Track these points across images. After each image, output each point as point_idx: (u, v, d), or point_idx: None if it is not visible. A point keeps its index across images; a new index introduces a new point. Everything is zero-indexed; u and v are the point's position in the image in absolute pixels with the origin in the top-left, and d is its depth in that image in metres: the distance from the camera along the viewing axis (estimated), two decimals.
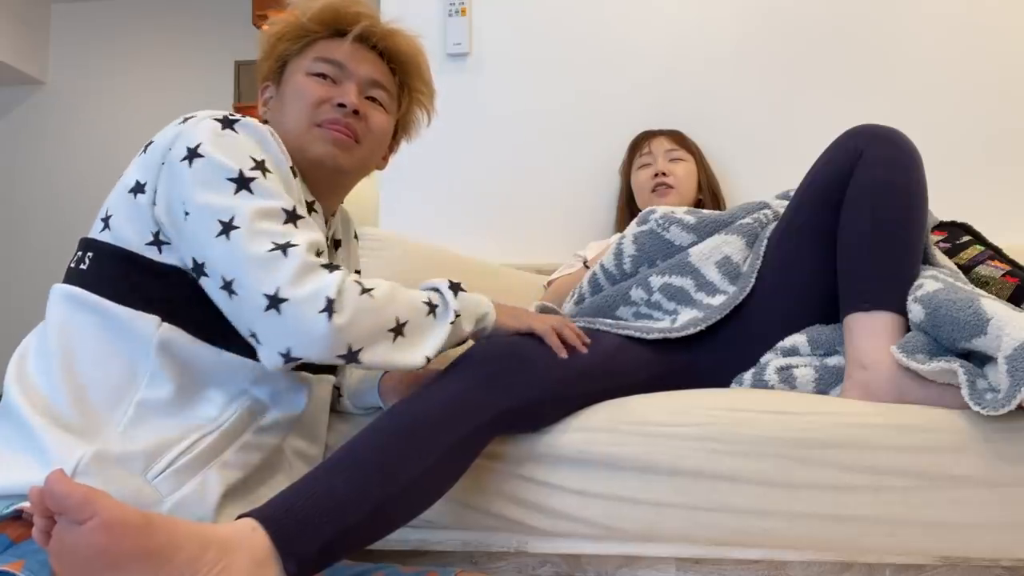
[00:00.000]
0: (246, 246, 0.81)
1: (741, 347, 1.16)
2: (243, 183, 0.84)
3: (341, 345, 0.82)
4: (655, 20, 2.06)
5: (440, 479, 0.89)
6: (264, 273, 0.81)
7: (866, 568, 0.98)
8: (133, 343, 0.85)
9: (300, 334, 0.80)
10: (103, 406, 0.83)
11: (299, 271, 0.81)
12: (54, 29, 4.61)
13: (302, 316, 0.80)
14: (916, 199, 1.06)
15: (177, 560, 0.66)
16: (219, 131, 0.87)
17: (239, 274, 0.81)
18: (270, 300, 0.80)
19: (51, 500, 0.63)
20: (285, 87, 1.04)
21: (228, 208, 0.83)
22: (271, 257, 0.81)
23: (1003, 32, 1.93)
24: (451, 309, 0.93)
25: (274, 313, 0.80)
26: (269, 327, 0.81)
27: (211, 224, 0.82)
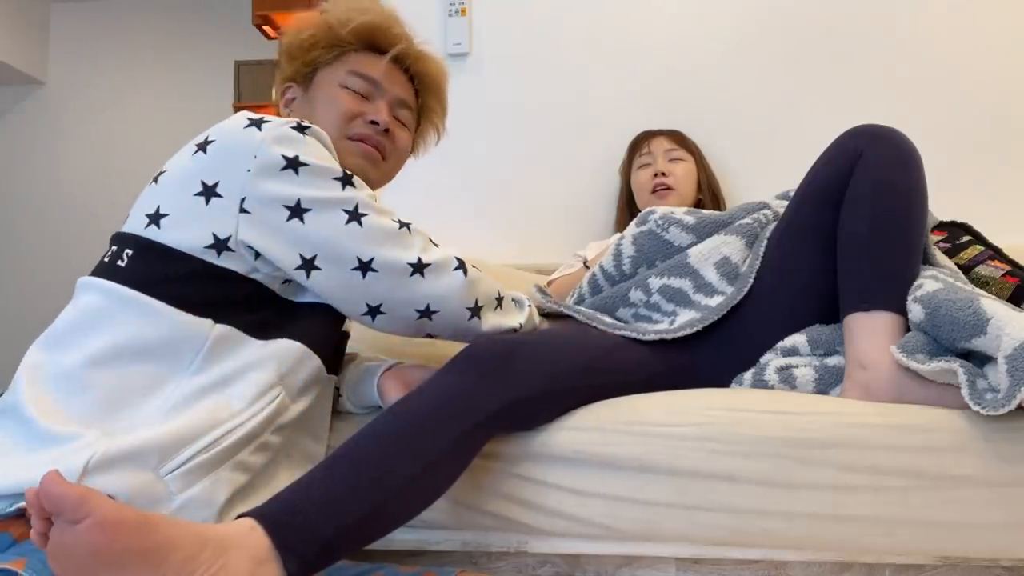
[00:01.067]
0: (381, 227, 0.92)
1: (741, 347, 1.16)
2: (347, 179, 0.92)
3: (471, 298, 0.98)
4: (655, 20, 2.06)
5: (439, 478, 0.89)
6: (403, 246, 0.93)
7: (866, 568, 0.98)
8: (183, 342, 0.85)
9: (442, 290, 0.94)
10: (139, 400, 0.83)
11: (426, 241, 0.96)
12: (54, 29, 4.61)
13: (444, 275, 0.95)
14: (916, 199, 1.06)
15: (174, 559, 0.66)
16: (301, 138, 0.91)
17: (379, 251, 0.91)
18: (414, 267, 0.93)
19: (46, 501, 0.63)
20: (316, 93, 1.08)
21: (348, 199, 0.91)
22: (402, 233, 0.94)
23: (1004, 32, 1.93)
24: (525, 301, 1.11)
25: (418, 277, 0.93)
26: (412, 290, 0.93)
27: (336, 215, 0.90)
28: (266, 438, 0.89)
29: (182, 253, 0.87)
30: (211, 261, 0.88)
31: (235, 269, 0.89)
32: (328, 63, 1.08)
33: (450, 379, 0.93)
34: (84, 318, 0.86)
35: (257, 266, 0.90)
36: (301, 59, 1.09)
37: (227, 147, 0.89)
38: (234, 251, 0.88)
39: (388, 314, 0.94)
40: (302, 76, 1.10)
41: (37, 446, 0.79)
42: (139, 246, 0.88)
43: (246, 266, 0.90)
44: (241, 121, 0.91)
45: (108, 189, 4.37)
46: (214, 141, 0.90)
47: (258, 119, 0.92)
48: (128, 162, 4.43)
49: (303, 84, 1.10)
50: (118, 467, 0.78)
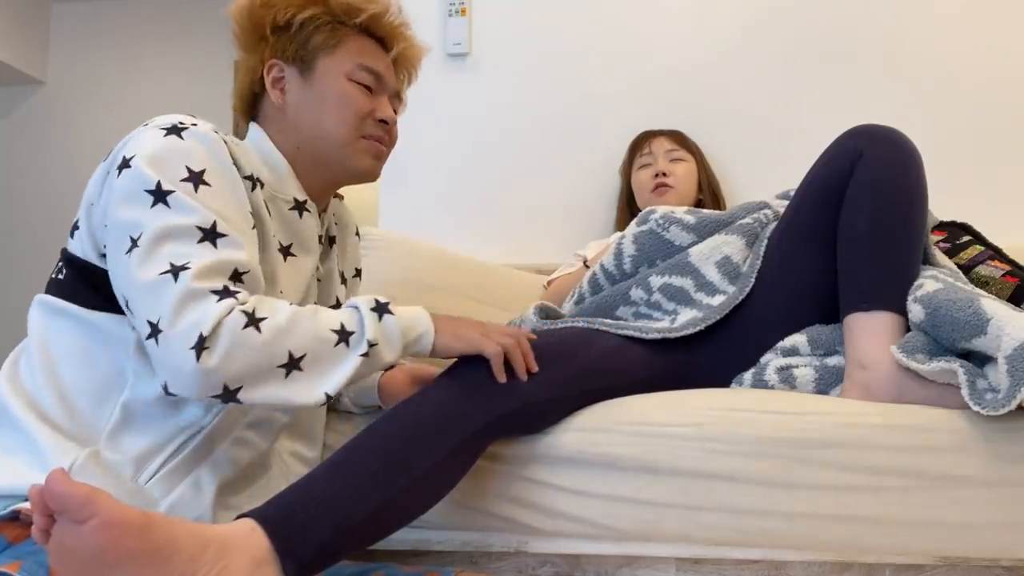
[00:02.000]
0: (137, 268, 0.78)
1: (741, 347, 1.16)
2: (160, 196, 0.80)
3: (214, 385, 0.77)
4: (655, 20, 2.06)
5: (440, 482, 0.89)
6: (151, 299, 0.77)
7: (866, 568, 0.98)
8: (113, 346, 0.84)
9: (172, 370, 0.77)
10: (89, 411, 0.83)
11: (181, 299, 0.77)
12: (54, 29, 4.61)
13: (174, 351, 0.76)
14: (916, 199, 1.06)
15: (176, 560, 0.66)
16: (160, 139, 0.83)
17: (131, 295, 0.79)
18: (151, 329, 0.77)
19: (52, 499, 0.63)
20: (321, 86, 1.00)
21: (137, 224, 0.80)
22: (160, 282, 0.77)
23: (1004, 32, 1.93)
24: (364, 339, 0.85)
25: (153, 344, 0.77)
26: (152, 357, 0.79)
27: (123, 240, 0.80)
28: (241, 434, 0.89)
29: (86, 262, 0.86)
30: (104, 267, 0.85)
31: None
32: (330, 50, 1.01)
33: (451, 385, 0.93)
34: (33, 331, 0.87)
35: None
36: (298, 41, 1.01)
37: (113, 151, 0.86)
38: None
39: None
40: (298, 59, 1.01)
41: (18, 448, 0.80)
42: (65, 259, 0.89)
43: None
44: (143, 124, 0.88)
45: None
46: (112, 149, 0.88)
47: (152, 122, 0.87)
48: None
49: (299, 67, 1.01)
50: (99, 474, 0.78)
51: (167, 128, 0.84)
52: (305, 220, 0.99)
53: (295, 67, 1.01)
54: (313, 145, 0.99)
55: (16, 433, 0.81)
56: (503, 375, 0.92)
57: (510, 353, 0.93)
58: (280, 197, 0.97)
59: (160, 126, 0.84)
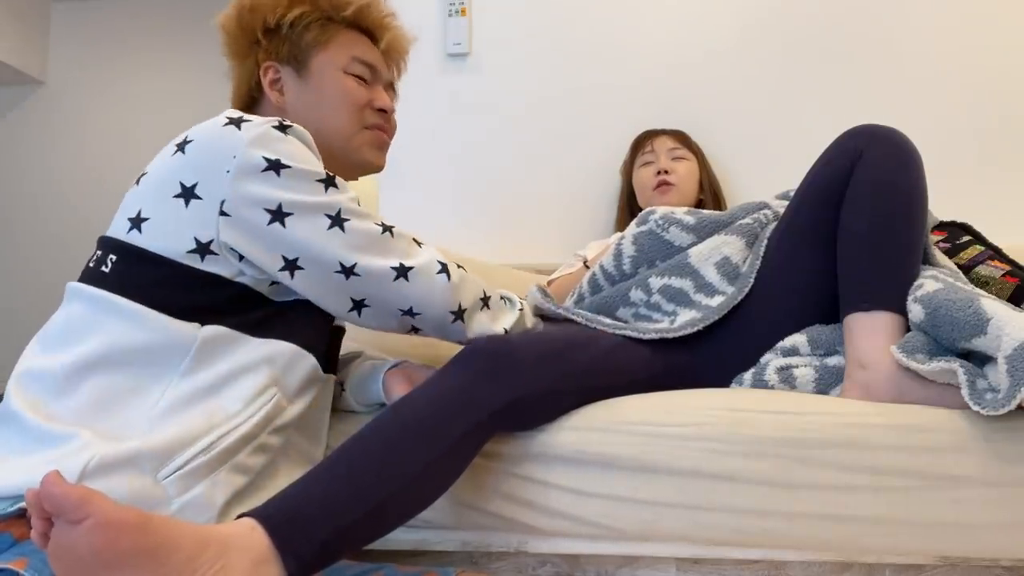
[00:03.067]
0: (364, 231, 0.91)
1: (741, 347, 1.16)
2: (330, 181, 0.91)
3: (454, 302, 0.97)
4: (655, 20, 2.06)
5: (439, 477, 0.89)
6: (385, 251, 0.92)
7: (866, 568, 0.98)
8: (170, 346, 0.84)
9: (427, 293, 0.94)
10: (129, 403, 0.82)
11: (409, 245, 0.95)
12: (54, 29, 4.61)
13: (427, 278, 0.94)
14: (916, 199, 1.06)
15: (175, 560, 0.66)
16: (281, 137, 0.89)
17: (361, 257, 0.91)
18: (397, 271, 0.93)
19: (47, 501, 0.63)
20: (318, 81, 1.04)
21: (331, 203, 0.90)
22: (385, 238, 0.93)
23: (1005, 31, 1.93)
24: (517, 302, 1.09)
25: (403, 281, 0.93)
26: (395, 293, 0.93)
27: (319, 220, 0.89)
28: (264, 439, 0.89)
29: (165, 258, 0.86)
30: (194, 266, 0.86)
31: (220, 273, 0.87)
32: (322, 46, 1.04)
33: (452, 378, 0.93)
34: (72, 325, 0.86)
35: (242, 268, 0.88)
36: (290, 40, 1.04)
37: (206, 147, 0.87)
38: (218, 254, 0.87)
39: (373, 308, 0.95)
40: (292, 59, 1.04)
41: (35, 448, 0.79)
42: (122, 251, 0.87)
43: (231, 269, 0.88)
44: (220, 120, 0.89)
45: (108, 189, 4.37)
46: (192, 141, 0.88)
47: (238, 117, 0.89)
48: (128, 162, 4.42)
49: (294, 66, 1.04)
50: (116, 471, 0.77)
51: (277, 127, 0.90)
52: None
53: (290, 67, 1.04)
54: (325, 140, 1.02)
55: (25, 433, 0.80)
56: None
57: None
58: None
59: (271, 125, 0.89)
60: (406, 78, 1.25)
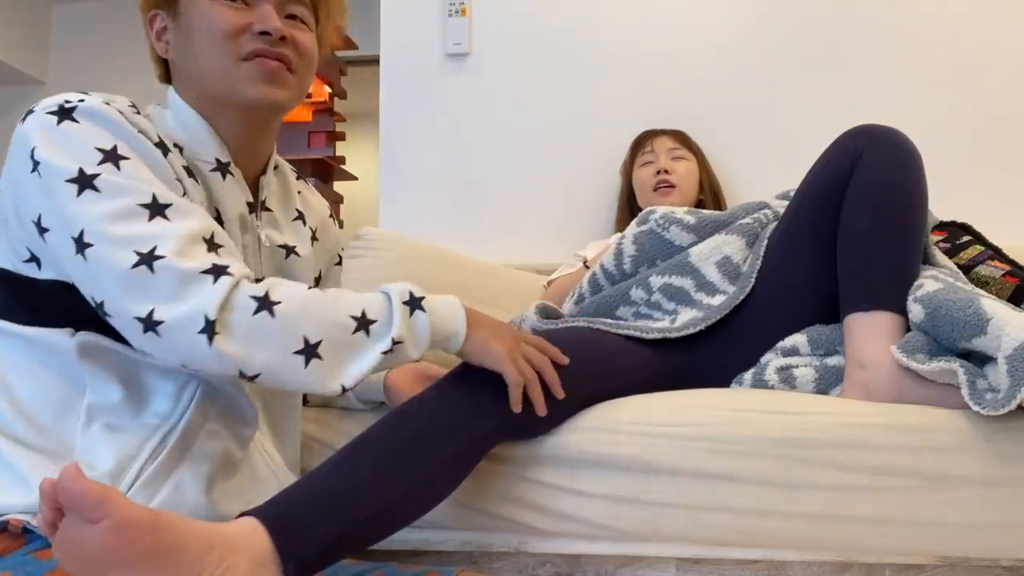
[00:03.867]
0: (104, 265, 0.72)
1: (741, 347, 1.16)
2: (85, 183, 0.74)
3: (230, 367, 0.74)
4: (654, 21, 2.06)
5: (443, 484, 0.89)
6: (134, 293, 0.72)
7: (866, 568, 0.98)
8: (57, 357, 0.79)
9: (184, 355, 0.73)
10: (54, 424, 0.79)
11: (173, 286, 0.72)
12: (54, 29, 4.61)
13: (181, 338, 0.72)
14: (916, 199, 1.06)
15: (183, 560, 0.66)
16: (53, 126, 0.76)
17: (106, 296, 0.73)
18: (144, 323, 0.72)
19: (64, 496, 0.62)
20: (188, 17, 0.87)
21: (75, 220, 0.73)
22: (137, 275, 0.72)
23: (1006, 31, 1.93)
24: (390, 335, 0.80)
25: (153, 336, 0.72)
26: (155, 348, 0.74)
27: (66, 242, 0.73)
28: (212, 425, 0.84)
29: (8, 272, 0.80)
30: (34, 276, 0.79)
31: (58, 278, 0.79)
32: None
33: (456, 387, 0.92)
34: None
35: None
36: None
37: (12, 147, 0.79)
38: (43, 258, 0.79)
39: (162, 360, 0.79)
40: (166, 5, 0.89)
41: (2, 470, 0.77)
42: None
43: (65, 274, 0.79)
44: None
45: None
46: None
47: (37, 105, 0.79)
48: None
49: (168, 9, 0.89)
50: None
51: (55, 112, 0.77)
52: (228, 184, 0.89)
53: (166, 11, 0.90)
54: (204, 88, 0.88)
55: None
56: (519, 405, 0.89)
57: (529, 387, 0.90)
58: (201, 159, 0.88)
59: (47, 111, 0.77)
60: (406, 78, 1.22)
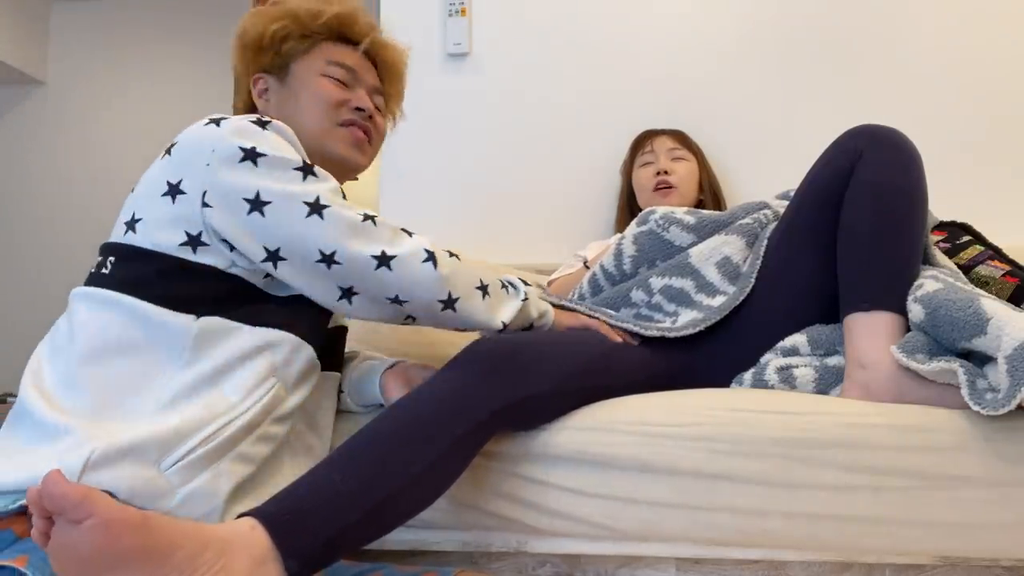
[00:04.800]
0: (343, 219, 0.90)
1: (741, 347, 1.16)
2: (308, 170, 0.92)
3: (442, 290, 0.94)
4: (654, 21, 2.06)
5: (440, 476, 0.89)
6: (366, 238, 0.91)
7: (866, 568, 0.98)
8: (168, 338, 0.86)
9: (413, 283, 0.92)
10: (133, 395, 0.83)
11: (391, 233, 0.93)
12: (54, 29, 4.61)
13: (411, 267, 0.92)
14: (916, 199, 1.06)
15: (175, 559, 0.66)
16: (260, 131, 0.92)
17: (340, 245, 0.89)
18: (379, 260, 0.91)
19: (48, 500, 0.63)
20: (297, 85, 1.10)
21: (310, 192, 0.90)
22: (365, 226, 0.91)
23: (1006, 31, 1.93)
24: (522, 290, 1.05)
25: (384, 270, 0.91)
26: (380, 282, 0.91)
27: (297, 208, 0.89)
28: (266, 429, 0.89)
29: (158, 253, 0.88)
30: (188, 258, 0.88)
31: (214, 264, 0.89)
32: (302, 54, 1.11)
33: (452, 378, 0.93)
34: (75, 324, 0.88)
35: (234, 259, 0.90)
36: (273, 51, 1.11)
37: (188, 145, 0.91)
38: (209, 245, 0.89)
39: (361, 296, 0.93)
40: (275, 68, 1.12)
41: (37, 443, 0.79)
42: (120, 252, 0.90)
43: (224, 261, 0.90)
44: (202, 121, 0.93)
45: (108, 189, 4.37)
46: (177, 143, 0.92)
47: (219, 118, 0.93)
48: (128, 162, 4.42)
49: (277, 75, 1.12)
50: (119, 463, 0.77)
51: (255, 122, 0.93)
52: None
53: (274, 75, 1.12)
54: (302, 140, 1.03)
55: (33, 430, 0.81)
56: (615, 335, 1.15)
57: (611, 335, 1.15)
58: None
59: (249, 120, 0.93)
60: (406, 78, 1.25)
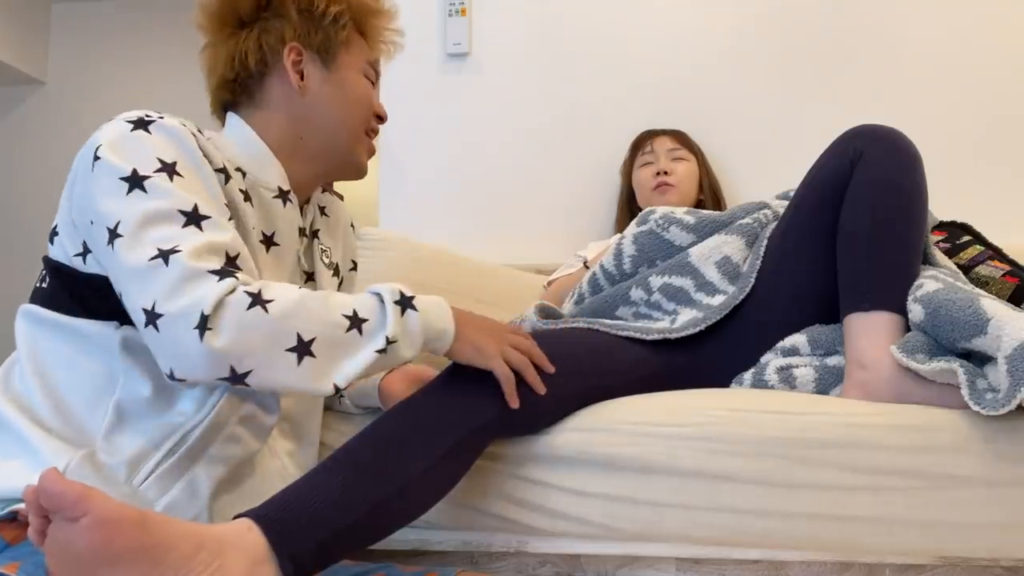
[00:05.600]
0: (126, 256, 0.76)
1: (741, 347, 1.16)
2: (136, 182, 0.79)
3: (221, 367, 0.75)
4: (654, 20, 2.06)
5: (438, 481, 0.89)
6: (143, 285, 0.75)
7: (866, 568, 0.98)
8: (100, 349, 0.83)
9: (176, 354, 0.75)
10: (82, 414, 0.83)
11: (177, 281, 0.75)
12: (54, 29, 4.61)
13: (176, 333, 0.74)
14: (916, 199, 1.06)
15: (171, 558, 0.66)
16: (127, 132, 0.82)
17: (123, 286, 0.78)
18: (147, 315, 0.75)
19: (45, 498, 0.63)
20: (341, 78, 1.00)
21: (115, 214, 0.78)
22: (151, 267, 0.75)
23: (1005, 31, 1.93)
24: (383, 333, 0.82)
25: (152, 330, 0.75)
26: (152, 344, 0.77)
27: (102, 232, 0.79)
28: (232, 430, 0.87)
29: (61, 264, 0.85)
30: (79, 268, 0.84)
31: (100, 273, 0.83)
32: (347, 45, 1.01)
33: (451, 381, 0.93)
34: (21, 341, 0.86)
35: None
36: (324, 30, 0.99)
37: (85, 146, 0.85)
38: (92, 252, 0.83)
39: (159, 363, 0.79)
40: (322, 49, 0.99)
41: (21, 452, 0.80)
42: (48, 266, 0.88)
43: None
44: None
45: None
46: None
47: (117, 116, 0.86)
48: None
49: (321, 57, 0.99)
50: (93, 476, 0.78)
51: (133, 121, 0.83)
52: (287, 210, 0.97)
53: (317, 56, 0.99)
54: (320, 134, 0.98)
55: (11, 437, 0.81)
56: (515, 400, 0.91)
57: (523, 372, 0.92)
58: (262, 186, 0.95)
59: (126, 119, 0.84)
60: (406, 78, 1.25)
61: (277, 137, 0.97)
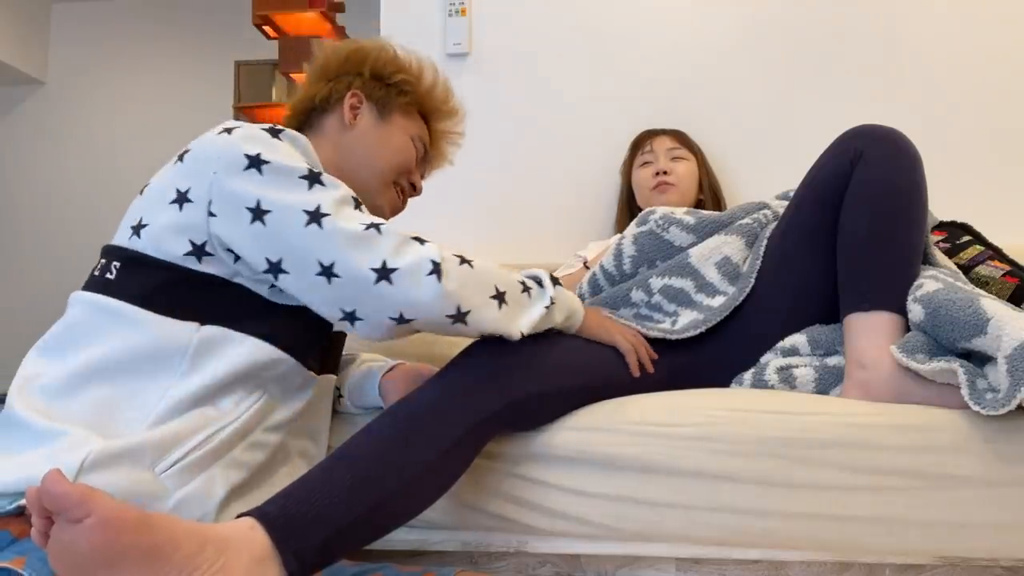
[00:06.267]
0: (342, 229, 0.86)
1: (741, 347, 1.16)
2: (315, 179, 0.89)
3: (451, 305, 0.88)
4: (655, 21, 2.06)
5: (440, 477, 0.89)
6: (365, 250, 0.86)
7: (866, 568, 0.98)
8: (168, 348, 0.86)
9: (412, 299, 0.86)
10: (128, 408, 0.83)
11: (398, 243, 0.87)
12: (54, 29, 4.61)
13: (413, 280, 0.86)
14: (916, 199, 1.06)
15: (175, 558, 0.66)
16: (270, 139, 0.91)
17: (339, 256, 0.86)
18: (379, 273, 0.85)
19: (47, 499, 0.63)
20: (389, 128, 1.14)
21: (311, 200, 0.87)
22: (368, 235, 0.86)
23: (1004, 32, 1.93)
24: (547, 294, 0.99)
25: (385, 284, 0.85)
26: (379, 298, 0.86)
27: (297, 218, 0.86)
28: (258, 436, 0.89)
29: (165, 262, 0.87)
30: (192, 268, 0.88)
31: (217, 273, 0.88)
32: (404, 112, 1.17)
33: (451, 379, 0.93)
34: (73, 331, 0.87)
35: (239, 269, 0.89)
36: (386, 90, 1.15)
37: (199, 153, 0.89)
38: (213, 255, 0.88)
39: (365, 320, 0.88)
40: (380, 103, 1.15)
41: (33, 445, 0.79)
42: (124, 257, 0.89)
43: (228, 270, 0.89)
44: (216, 129, 0.92)
45: (108, 189, 4.37)
46: (190, 151, 0.91)
47: (232, 126, 0.92)
48: (129, 162, 4.43)
49: (378, 109, 1.15)
50: (114, 465, 0.78)
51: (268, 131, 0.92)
52: None
53: (375, 106, 1.15)
54: (354, 170, 1.09)
55: (25, 432, 0.81)
56: (638, 369, 1.08)
57: (638, 349, 1.11)
58: None
59: (261, 128, 0.92)
60: None
61: (322, 160, 1.03)
